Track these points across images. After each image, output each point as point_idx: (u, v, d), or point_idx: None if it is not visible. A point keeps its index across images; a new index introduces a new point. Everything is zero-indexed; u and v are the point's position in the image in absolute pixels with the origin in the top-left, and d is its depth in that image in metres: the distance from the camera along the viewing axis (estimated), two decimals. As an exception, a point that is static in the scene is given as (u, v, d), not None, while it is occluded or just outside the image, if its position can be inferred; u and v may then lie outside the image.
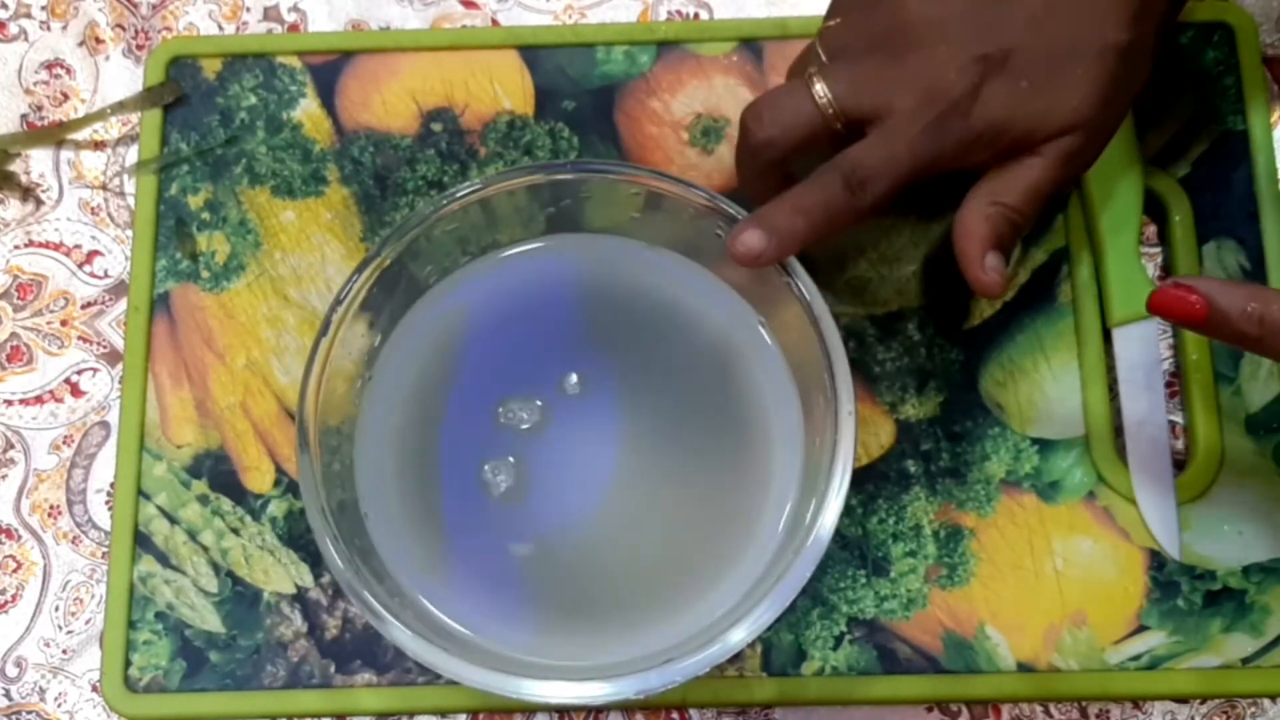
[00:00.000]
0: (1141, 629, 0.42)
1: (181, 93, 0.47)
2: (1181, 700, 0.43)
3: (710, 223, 0.38)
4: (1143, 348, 0.43)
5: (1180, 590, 0.42)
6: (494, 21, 0.49)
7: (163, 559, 0.43)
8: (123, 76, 0.49)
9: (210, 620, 0.43)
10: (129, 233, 0.47)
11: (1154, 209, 0.46)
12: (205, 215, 0.46)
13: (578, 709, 0.43)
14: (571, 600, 0.38)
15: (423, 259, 0.39)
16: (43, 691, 0.44)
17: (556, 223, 0.40)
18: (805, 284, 0.36)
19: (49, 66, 0.49)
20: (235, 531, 0.44)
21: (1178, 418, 0.44)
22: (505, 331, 0.40)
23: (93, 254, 0.47)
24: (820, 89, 0.36)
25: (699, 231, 0.39)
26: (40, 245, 0.47)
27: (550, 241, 0.41)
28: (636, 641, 0.37)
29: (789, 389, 0.39)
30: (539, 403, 0.39)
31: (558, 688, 0.34)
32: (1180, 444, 0.44)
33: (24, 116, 0.49)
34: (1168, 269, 0.45)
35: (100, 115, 0.47)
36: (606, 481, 0.39)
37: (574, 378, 0.39)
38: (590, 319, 0.40)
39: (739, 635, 0.34)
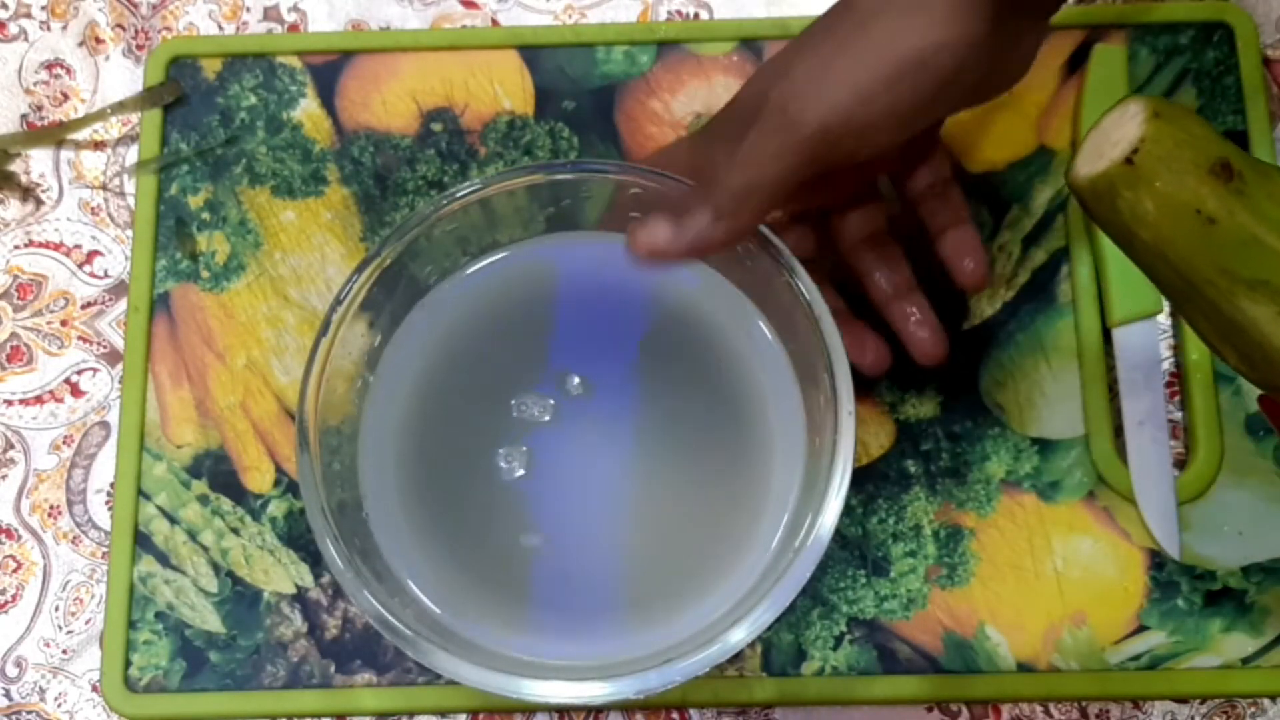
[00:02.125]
0: (1141, 629, 0.42)
1: (181, 93, 0.47)
2: (1181, 700, 0.43)
3: None
4: (1143, 348, 0.43)
5: (1180, 590, 0.42)
6: (494, 21, 0.49)
7: (163, 559, 0.43)
8: (123, 76, 0.49)
9: (210, 620, 0.43)
10: (129, 233, 0.47)
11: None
12: (205, 215, 0.46)
13: (578, 709, 0.43)
14: (572, 599, 0.38)
15: (423, 259, 0.39)
16: (43, 691, 0.44)
17: (556, 223, 0.40)
18: (805, 283, 0.36)
19: (49, 66, 0.49)
20: (235, 531, 0.44)
21: (1177, 418, 0.44)
22: (510, 330, 0.40)
23: (93, 254, 0.47)
24: None
25: None
26: (40, 245, 0.47)
27: (551, 240, 0.41)
28: (636, 641, 0.37)
29: (791, 389, 0.39)
30: (551, 401, 0.39)
31: (557, 688, 0.34)
32: (1180, 444, 0.44)
33: (24, 116, 0.49)
34: (1168, 269, 0.45)
35: (100, 115, 0.47)
36: (609, 480, 0.39)
37: (576, 379, 0.39)
38: (593, 317, 0.40)
39: (739, 635, 0.34)
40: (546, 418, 0.39)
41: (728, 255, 0.38)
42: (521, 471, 0.38)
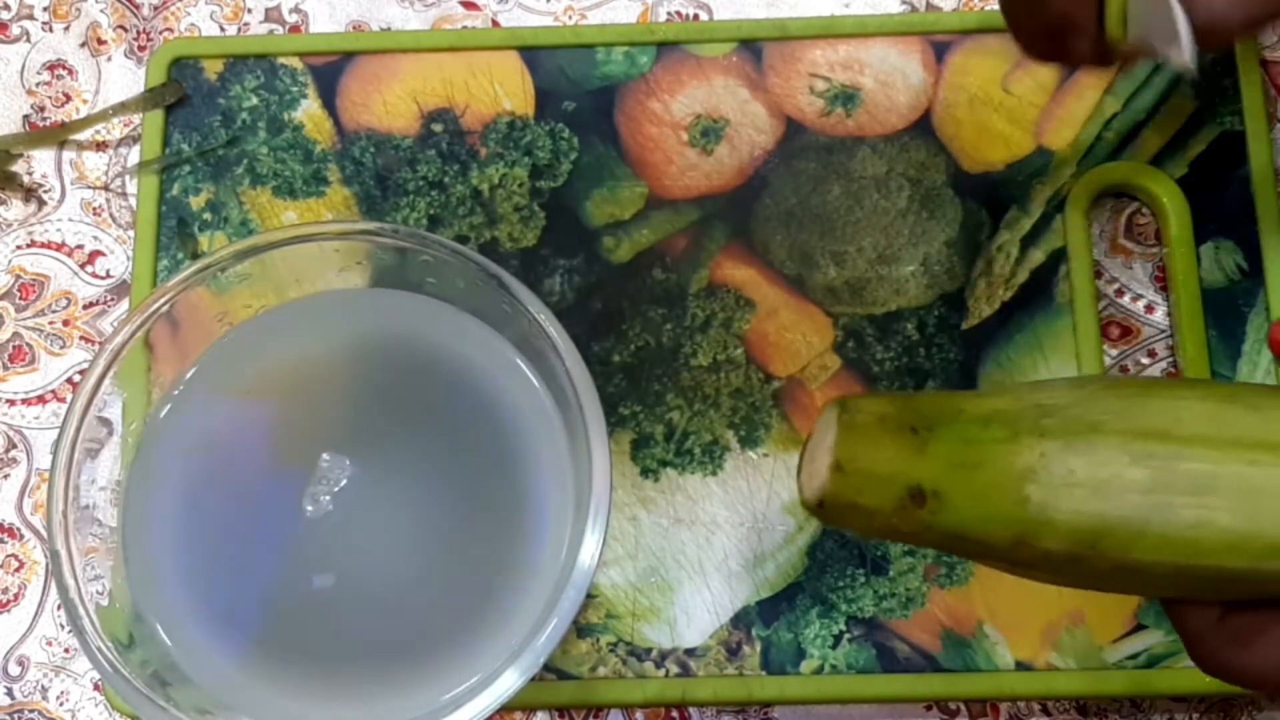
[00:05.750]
0: (1139, 628, 0.42)
1: (183, 93, 0.48)
2: (1179, 699, 0.43)
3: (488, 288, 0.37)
4: None
5: (1178, 589, 0.43)
6: (494, 23, 0.49)
7: (164, 558, 0.43)
8: (124, 77, 0.49)
9: (212, 619, 0.43)
10: (131, 233, 0.47)
11: (1152, 210, 0.46)
12: (207, 216, 0.46)
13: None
14: (348, 665, 0.37)
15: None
16: (45, 690, 0.44)
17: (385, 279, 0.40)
18: (546, 318, 0.36)
19: (51, 67, 0.49)
20: (237, 531, 0.44)
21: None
22: (293, 391, 0.39)
23: (95, 254, 0.48)
24: None
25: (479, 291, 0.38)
26: (42, 245, 0.48)
27: (327, 299, 0.41)
28: (424, 695, 0.36)
29: (559, 437, 0.38)
30: (347, 461, 0.38)
31: None
32: (1178, 443, 0.44)
33: (26, 117, 0.49)
34: (1165, 270, 0.46)
35: (102, 116, 0.48)
36: (389, 541, 0.38)
37: (344, 459, 0.38)
38: (372, 376, 0.40)
39: (510, 680, 0.33)
40: (339, 477, 0.38)
41: (492, 303, 0.38)
42: (309, 510, 0.38)
